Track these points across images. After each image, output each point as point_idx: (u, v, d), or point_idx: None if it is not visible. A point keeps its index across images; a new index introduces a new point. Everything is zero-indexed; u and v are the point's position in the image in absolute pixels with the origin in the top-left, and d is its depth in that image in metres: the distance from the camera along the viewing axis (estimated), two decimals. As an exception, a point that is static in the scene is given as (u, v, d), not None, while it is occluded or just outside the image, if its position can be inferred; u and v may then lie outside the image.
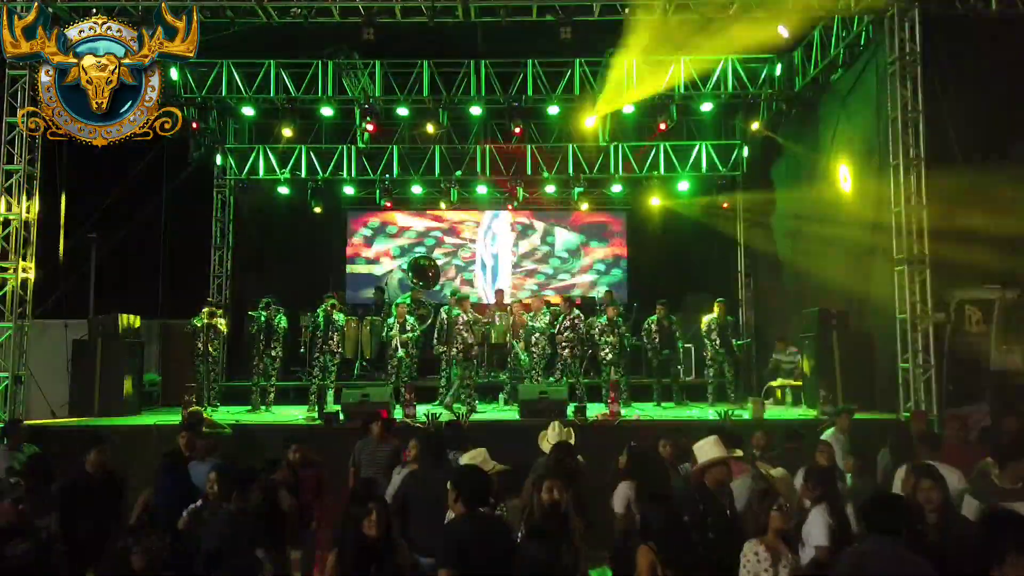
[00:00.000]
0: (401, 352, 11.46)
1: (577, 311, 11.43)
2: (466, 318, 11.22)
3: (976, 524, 4.25)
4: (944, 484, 4.54)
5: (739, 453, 5.69)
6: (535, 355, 11.48)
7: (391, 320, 11.77)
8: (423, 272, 14.84)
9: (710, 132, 15.54)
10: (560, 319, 11.31)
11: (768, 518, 4.19)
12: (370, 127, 13.18)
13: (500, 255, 17.39)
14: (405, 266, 16.25)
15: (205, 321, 11.51)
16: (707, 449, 5.06)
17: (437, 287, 15.42)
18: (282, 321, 11.49)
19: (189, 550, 4.72)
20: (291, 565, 5.45)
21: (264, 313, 11.38)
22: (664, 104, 13.20)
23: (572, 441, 6.12)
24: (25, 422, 8.90)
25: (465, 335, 11.13)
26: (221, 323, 11.77)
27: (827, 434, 7.56)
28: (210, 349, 11.50)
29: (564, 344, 11.14)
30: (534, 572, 3.85)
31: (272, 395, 11.51)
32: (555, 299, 14.11)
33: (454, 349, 11.11)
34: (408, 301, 12.53)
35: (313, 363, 11.43)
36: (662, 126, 13.38)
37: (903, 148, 9.62)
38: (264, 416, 11.00)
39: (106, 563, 4.48)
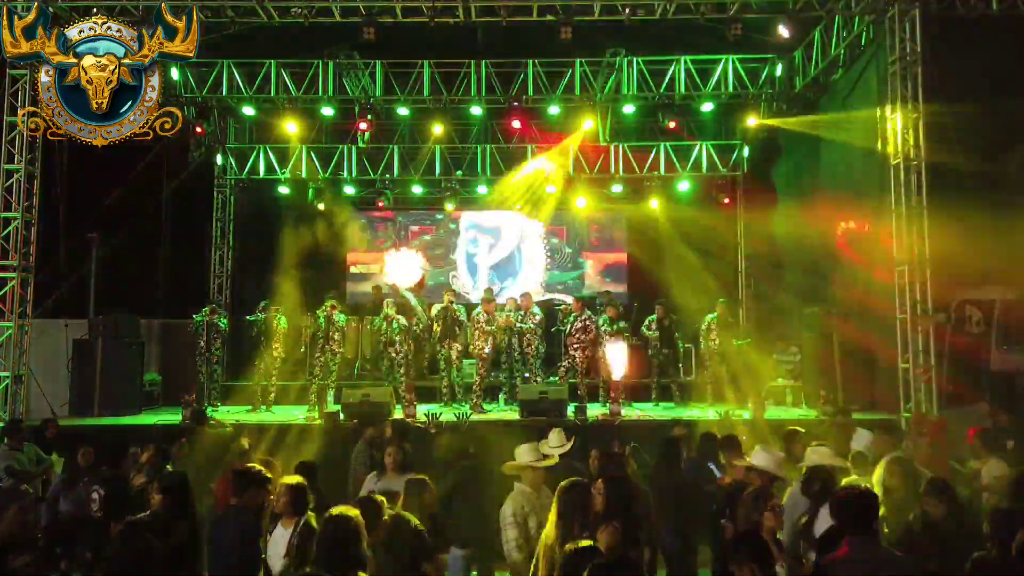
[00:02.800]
0: (391, 351, 11.50)
1: (589, 312, 11.41)
2: (486, 318, 11.32)
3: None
4: (952, 496, 4.53)
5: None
6: (529, 355, 11.50)
7: (378, 319, 11.85)
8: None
9: (710, 132, 15.53)
10: (571, 319, 11.29)
11: (762, 518, 4.18)
12: (363, 125, 13.14)
13: (499, 255, 17.38)
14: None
15: (206, 319, 11.58)
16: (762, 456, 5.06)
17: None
18: (282, 323, 11.53)
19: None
20: None
21: (262, 316, 11.44)
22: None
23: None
24: (23, 422, 8.91)
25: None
26: (222, 322, 11.82)
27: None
28: (212, 348, 11.60)
29: (576, 345, 11.11)
30: None
31: (273, 394, 11.54)
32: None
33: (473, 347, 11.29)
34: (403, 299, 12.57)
35: (314, 363, 11.47)
36: (672, 124, 13.27)
37: (903, 148, 9.61)
38: (264, 416, 11.01)
39: None
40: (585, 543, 3.71)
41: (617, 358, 10.60)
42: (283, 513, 4.83)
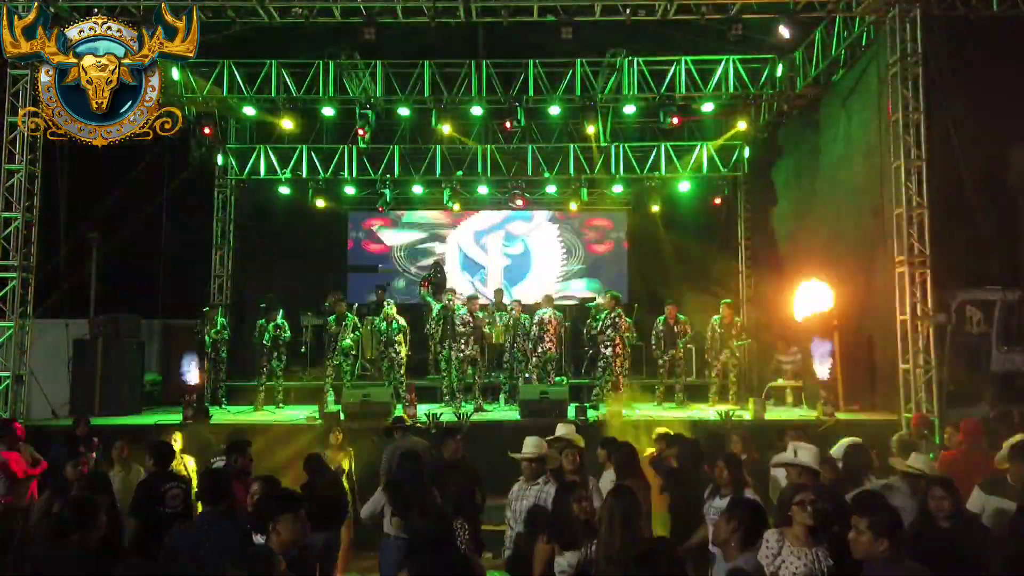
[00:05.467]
0: (391, 351, 11.52)
1: (619, 310, 11.42)
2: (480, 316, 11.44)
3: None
4: (957, 493, 4.53)
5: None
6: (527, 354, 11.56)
7: (378, 320, 11.89)
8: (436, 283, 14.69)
9: (711, 132, 15.52)
10: (602, 317, 11.33)
11: (792, 511, 4.09)
12: (360, 132, 13.13)
13: (501, 255, 17.39)
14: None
15: (215, 338, 11.84)
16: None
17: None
18: (286, 333, 11.80)
19: None
20: None
21: (273, 325, 11.68)
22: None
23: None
24: (19, 421, 8.89)
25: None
26: (225, 334, 12.05)
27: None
28: (220, 352, 11.90)
29: (607, 343, 11.13)
30: None
31: (281, 394, 11.78)
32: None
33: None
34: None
35: (327, 364, 11.59)
36: (675, 121, 13.23)
37: (904, 148, 9.59)
38: (265, 416, 11.03)
39: None
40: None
41: None
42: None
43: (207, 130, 13.38)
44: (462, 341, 11.16)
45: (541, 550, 4.47)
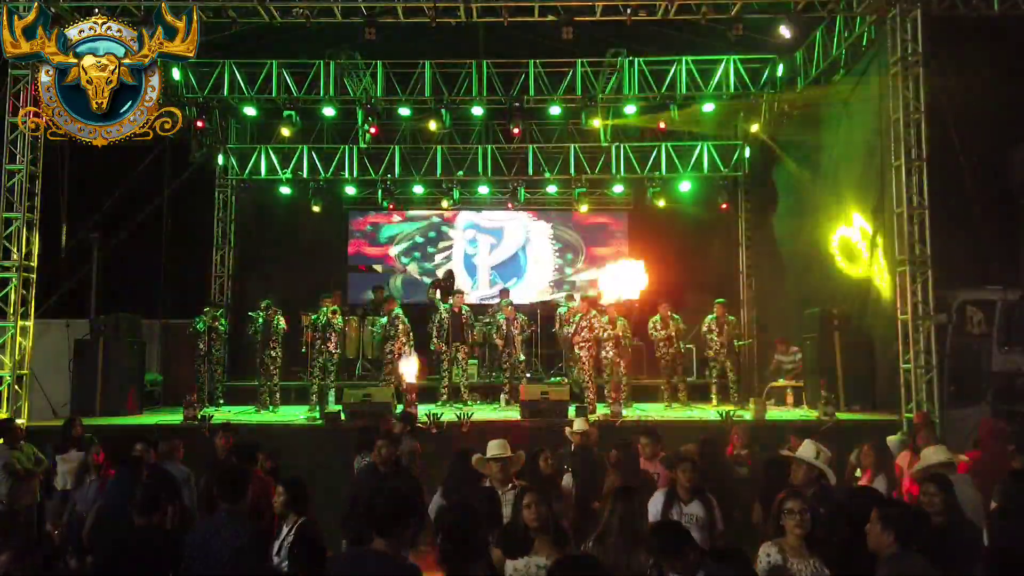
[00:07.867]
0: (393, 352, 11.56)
1: (595, 311, 11.40)
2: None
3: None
4: (951, 489, 4.52)
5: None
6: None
7: (382, 320, 11.86)
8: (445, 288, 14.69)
9: (712, 132, 15.52)
10: (576, 319, 11.31)
11: (783, 522, 4.01)
12: (372, 129, 13.16)
13: (501, 256, 17.39)
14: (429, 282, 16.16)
15: (208, 325, 11.67)
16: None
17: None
18: (280, 323, 11.52)
19: None
20: None
21: (263, 315, 11.44)
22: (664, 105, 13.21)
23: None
24: (19, 421, 8.90)
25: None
26: (223, 324, 11.88)
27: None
28: (212, 350, 11.73)
29: (582, 344, 11.12)
30: None
31: (278, 395, 11.62)
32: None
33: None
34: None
35: (313, 363, 11.49)
36: (661, 125, 13.32)
37: (905, 149, 9.58)
38: (266, 417, 11.01)
39: None
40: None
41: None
42: (283, 514, 4.78)
43: (199, 123, 13.34)
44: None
45: (494, 556, 4.17)
